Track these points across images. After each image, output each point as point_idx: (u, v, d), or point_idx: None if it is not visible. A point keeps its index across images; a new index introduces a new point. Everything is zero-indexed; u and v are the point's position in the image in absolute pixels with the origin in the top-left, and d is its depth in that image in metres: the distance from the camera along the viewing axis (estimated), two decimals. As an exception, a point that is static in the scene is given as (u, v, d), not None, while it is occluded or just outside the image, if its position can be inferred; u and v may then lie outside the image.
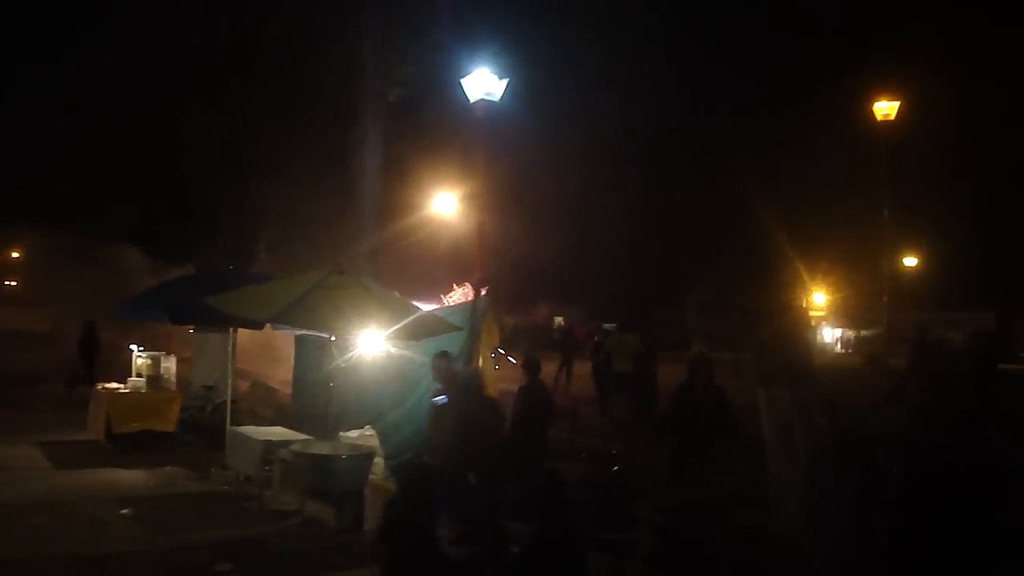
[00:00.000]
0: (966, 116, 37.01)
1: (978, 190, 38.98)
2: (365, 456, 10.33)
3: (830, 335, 55.15)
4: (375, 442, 11.97)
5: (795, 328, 8.17)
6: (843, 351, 52.45)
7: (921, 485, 6.03)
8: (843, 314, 52.16)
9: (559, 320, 45.10)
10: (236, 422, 12.29)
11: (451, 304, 12.55)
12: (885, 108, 20.28)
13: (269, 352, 23.28)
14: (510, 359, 20.33)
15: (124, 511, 10.10)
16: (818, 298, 48.64)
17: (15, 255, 46.49)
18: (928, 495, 5.91)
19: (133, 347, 15.31)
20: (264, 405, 15.80)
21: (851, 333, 54.23)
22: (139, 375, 14.70)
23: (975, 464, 6.07)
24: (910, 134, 26.06)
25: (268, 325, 11.43)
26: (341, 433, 11.59)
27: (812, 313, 46.87)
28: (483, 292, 12.51)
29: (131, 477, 11.95)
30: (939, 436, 6.32)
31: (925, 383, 7.12)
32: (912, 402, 7.13)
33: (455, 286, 13.02)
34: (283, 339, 17.38)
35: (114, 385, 14.74)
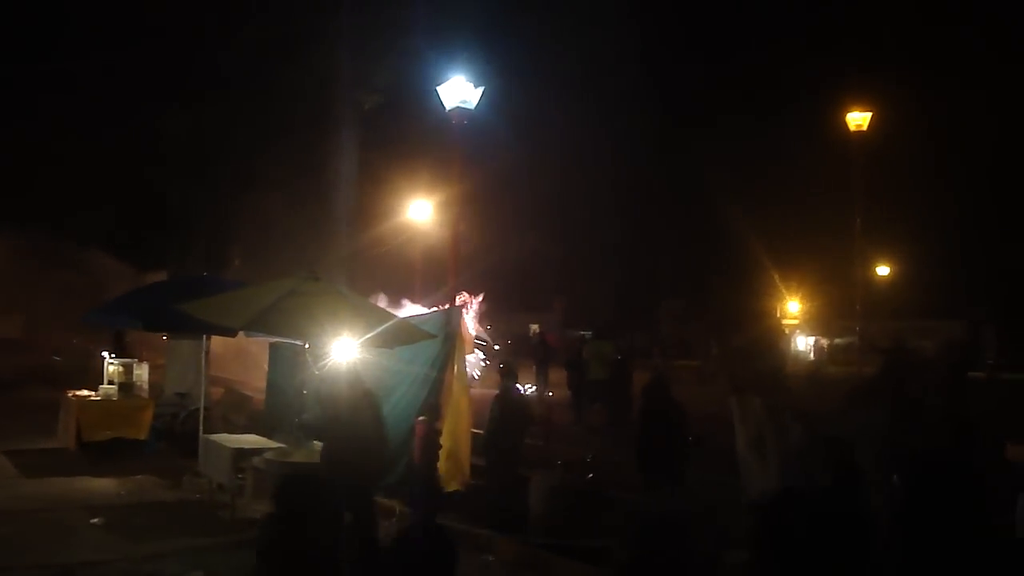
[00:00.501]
0: (938, 127, 37.47)
1: (949, 200, 39.41)
2: (338, 464, 10.27)
3: (804, 343, 55.51)
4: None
5: (768, 336, 8.22)
6: (816, 359, 52.82)
7: (927, 494, 6.12)
8: (816, 323, 52.53)
9: (534, 328, 45.15)
10: (209, 430, 12.19)
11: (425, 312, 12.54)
12: (858, 119, 20.50)
13: (243, 359, 23.17)
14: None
15: (94, 520, 9.99)
16: (792, 307, 49.01)
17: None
18: (934, 503, 6.02)
19: (105, 354, 15.15)
20: (237, 412, 15.70)
21: (824, 341, 54.62)
22: (111, 382, 14.54)
23: (969, 473, 6.19)
24: (883, 145, 26.33)
25: (242, 332, 11.36)
26: (315, 440, 11.54)
27: (786, 321, 47.24)
28: (463, 301, 12.55)
29: (102, 485, 11.82)
30: (938, 445, 6.43)
31: (899, 391, 7.20)
32: (887, 409, 7.21)
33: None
34: (257, 346, 17.30)
35: (85, 392, 14.56)
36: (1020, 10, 27.25)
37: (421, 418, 10.44)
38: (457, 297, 12.89)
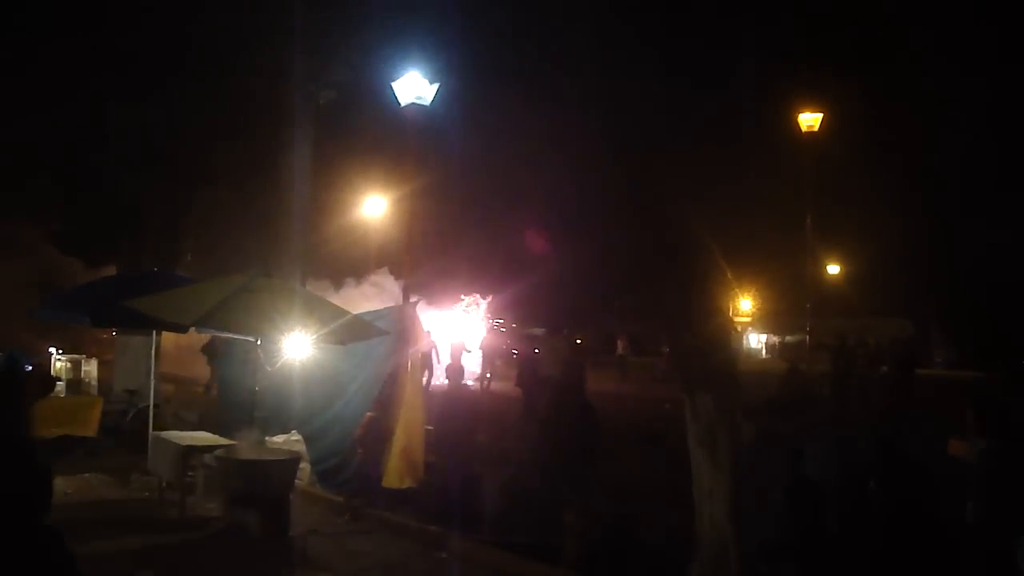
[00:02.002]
0: (887, 127, 38.09)
1: (897, 199, 40.13)
2: (291, 461, 10.23)
3: (756, 341, 56.19)
4: (301, 447, 11.89)
5: (720, 334, 8.33)
6: (767, 356, 53.51)
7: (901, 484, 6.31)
8: (768, 320, 53.21)
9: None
10: (160, 427, 12.04)
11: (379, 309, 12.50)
12: (809, 120, 20.80)
13: (193, 355, 22.91)
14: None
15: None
16: (744, 304, 49.58)
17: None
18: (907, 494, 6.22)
19: (52, 350, 14.90)
20: (189, 409, 15.54)
21: (776, 339, 55.33)
22: (58, 379, 14.30)
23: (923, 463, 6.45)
24: (833, 145, 26.75)
25: (193, 328, 11.25)
26: (267, 437, 11.47)
27: (738, 319, 47.77)
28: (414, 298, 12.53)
29: (48, 484, 11.62)
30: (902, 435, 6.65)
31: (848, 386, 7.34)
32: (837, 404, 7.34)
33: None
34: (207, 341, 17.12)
35: (31, 389, 14.29)
36: (967, 11, 27.83)
37: (370, 413, 10.47)
38: (467, 298, 12.93)
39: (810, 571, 6.98)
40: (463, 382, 10.75)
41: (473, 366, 20.58)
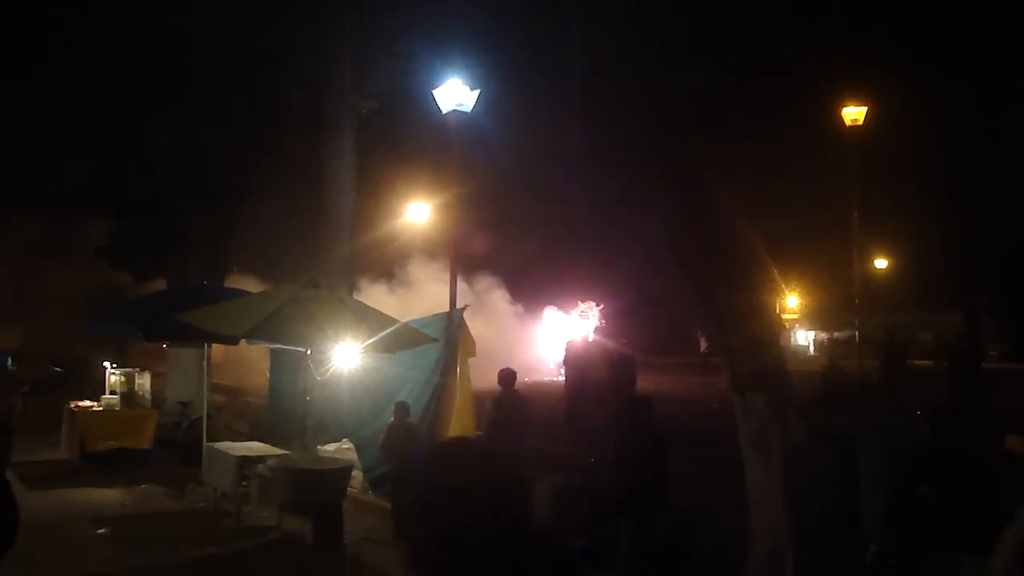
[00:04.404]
0: (933, 119, 37.48)
1: (945, 192, 39.45)
2: (343, 470, 10.32)
3: (803, 338, 55.50)
4: (353, 455, 11.97)
5: (769, 332, 8.22)
6: (815, 353, 52.83)
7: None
8: (816, 316, 52.54)
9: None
10: (212, 438, 12.21)
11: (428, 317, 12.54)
12: (853, 113, 20.52)
13: (245, 366, 23.17)
14: None
15: (100, 531, 10.01)
16: (791, 301, 49.00)
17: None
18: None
19: (106, 364, 15.16)
20: (241, 420, 15.73)
21: (824, 335, 54.60)
22: (113, 392, 14.56)
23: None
24: (879, 138, 26.35)
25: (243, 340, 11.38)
26: (318, 447, 11.58)
27: (785, 316, 47.20)
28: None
29: (106, 496, 11.84)
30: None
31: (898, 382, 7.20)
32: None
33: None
34: (259, 352, 17.30)
35: (87, 403, 14.57)
36: (1013, 4, 27.27)
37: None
38: (583, 305, 12.94)
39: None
40: (513, 387, 10.70)
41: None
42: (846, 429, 8.60)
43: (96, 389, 15.00)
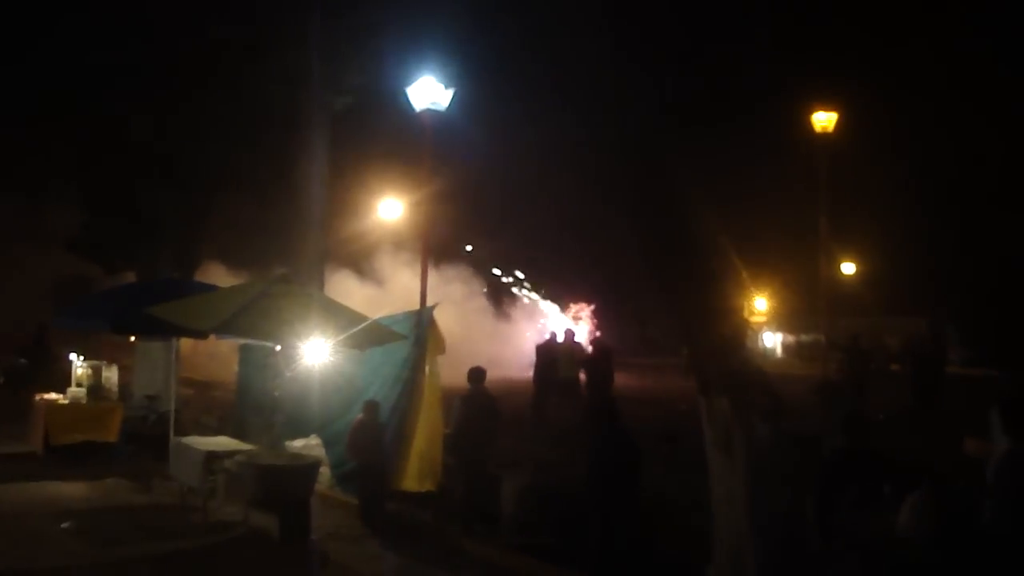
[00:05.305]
0: (902, 127, 37.96)
1: (912, 199, 39.97)
2: (311, 466, 10.33)
3: (771, 340, 56.00)
4: (321, 451, 11.98)
5: (736, 334, 8.33)
6: (783, 356, 53.33)
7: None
8: (784, 319, 53.05)
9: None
10: (180, 432, 12.16)
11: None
12: (823, 120, 20.74)
13: (214, 360, 23.07)
14: None
15: (64, 525, 9.94)
16: (760, 303, 49.40)
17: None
18: None
19: (73, 356, 15.04)
20: (209, 414, 15.67)
21: (791, 338, 55.15)
22: (79, 385, 14.45)
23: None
24: (848, 145, 26.67)
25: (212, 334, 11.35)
26: (287, 442, 11.58)
27: (753, 318, 47.59)
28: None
29: (71, 490, 11.75)
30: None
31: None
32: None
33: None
34: (228, 346, 17.22)
35: (53, 395, 14.44)
36: (978, 16, 27.72)
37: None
38: (573, 306, 13.02)
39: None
40: (482, 385, 10.76)
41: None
42: (810, 431, 8.75)
43: (62, 381, 14.88)
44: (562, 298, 36.46)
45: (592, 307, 34.90)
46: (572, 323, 31.93)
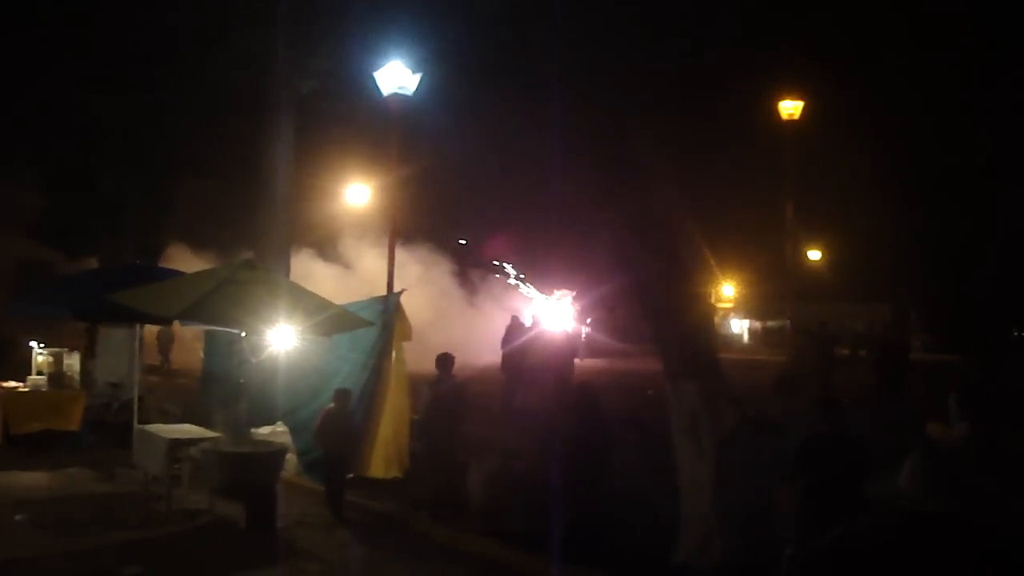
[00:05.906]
0: (867, 115, 38.34)
1: (877, 186, 40.40)
2: (277, 453, 10.25)
3: (738, 326, 56.48)
4: (287, 438, 11.89)
5: (703, 320, 8.37)
6: (749, 342, 53.83)
7: None
8: (751, 305, 53.51)
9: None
10: (144, 420, 12.01)
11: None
12: (790, 107, 20.89)
13: (178, 346, 22.83)
14: None
15: (23, 516, 9.77)
16: (727, 290, 49.78)
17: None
18: None
19: (33, 344, 14.80)
20: (173, 402, 15.50)
21: (758, 324, 55.66)
22: (40, 372, 14.22)
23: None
24: (816, 132, 26.89)
25: (176, 321, 11.21)
26: (252, 429, 11.47)
27: (720, 305, 47.96)
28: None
29: (31, 479, 11.56)
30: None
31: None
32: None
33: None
34: (193, 333, 17.05)
35: (12, 384, 14.18)
36: (943, 8, 28.05)
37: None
38: (560, 292, 12.95)
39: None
40: (451, 372, 10.71)
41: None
42: (776, 416, 8.81)
43: (22, 369, 14.63)
44: (546, 283, 36.44)
45: (574, 293, 34.91)
46: (557, 308, 31.71)
